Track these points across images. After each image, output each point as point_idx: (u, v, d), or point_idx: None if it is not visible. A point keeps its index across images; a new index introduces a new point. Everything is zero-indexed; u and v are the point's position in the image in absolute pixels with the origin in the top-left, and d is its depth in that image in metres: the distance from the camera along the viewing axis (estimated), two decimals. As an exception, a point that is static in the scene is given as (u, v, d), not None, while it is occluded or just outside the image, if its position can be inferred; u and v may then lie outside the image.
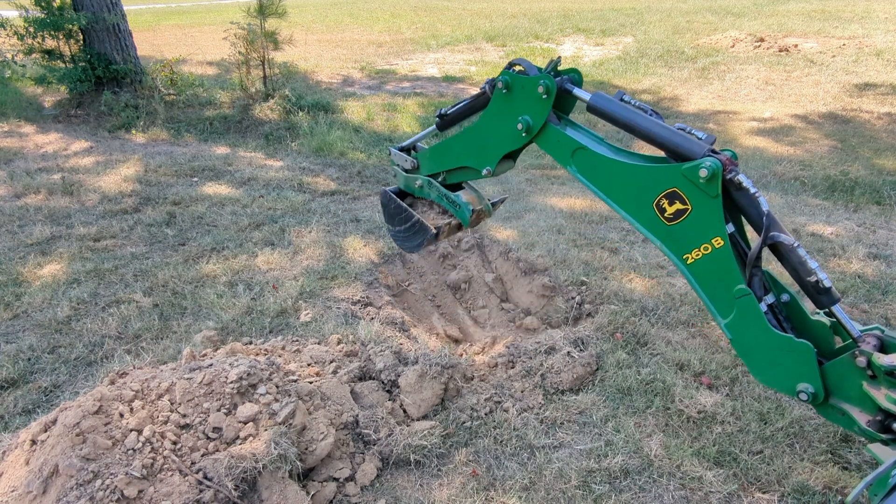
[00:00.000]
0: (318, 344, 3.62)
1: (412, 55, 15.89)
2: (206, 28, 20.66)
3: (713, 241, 1.97)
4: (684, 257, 2.07)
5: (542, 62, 2.55)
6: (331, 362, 3.38)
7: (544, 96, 2.28)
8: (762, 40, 14.67)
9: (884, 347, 1.87)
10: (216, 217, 5.76)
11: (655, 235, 2.12)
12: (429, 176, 3.01)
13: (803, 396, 1.94)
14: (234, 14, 10.39)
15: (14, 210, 5.81)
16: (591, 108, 2.26)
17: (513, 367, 3.49)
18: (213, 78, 12.40)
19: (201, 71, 13.15)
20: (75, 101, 9.72)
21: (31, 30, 9.05)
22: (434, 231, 2.93)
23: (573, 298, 4.24)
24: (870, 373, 1.81)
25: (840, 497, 2.60)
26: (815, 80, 11.46)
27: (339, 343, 3.64)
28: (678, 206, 2.01)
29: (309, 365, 3.31)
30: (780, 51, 13.83)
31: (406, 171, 3.10)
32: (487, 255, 5.03)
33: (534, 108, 2.34)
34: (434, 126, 2.92)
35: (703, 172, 1.88)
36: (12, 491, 2.37)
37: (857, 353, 1.83)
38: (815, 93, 10.64)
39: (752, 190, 1.92)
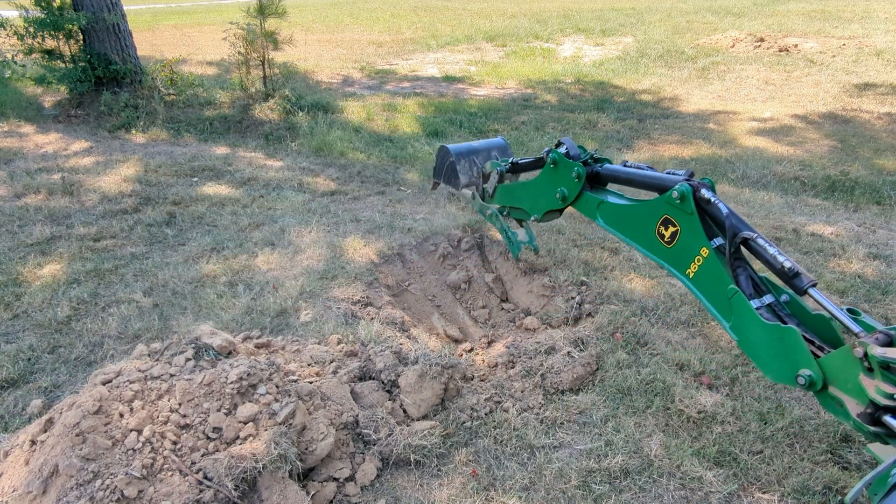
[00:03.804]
0: (318, 344, 3.61)
1: (412, 55, 15.89)
2: (205, 28, 20.67)
3: (701, 251, 2.28)
4: (686, 272, 2.38)
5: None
6: (331, 362, 3.38)
7: (576, 179, 3.05)
8: (762, 40, 14.67)
9: (893, 345, 1.87)
10: (216, 217, 5.76)
11: (664, 260, 2.49)
12: (498, 208, 4.00)
13: (801, 380, 2.02)
14: (233, 14, 10.39)
15: (14, 210, 5.81)
16: (604, 176, 3.01)
17: (513, 367, 3.49)
18: (213, 78, 12.40)
19: (201, 71, 13.15)
20: (75, 101, 9.72)
21: (31, 30, 9.03)
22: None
23: (573, 298, 4.24)
24: (867, 364, 1.83)
25: (840, 497, 2.60)
26: (815, 80, 11.47)
27: (339, 343, 3.64)
28: (672, 228, 2.41)
29: (309, 365, 3.31)
30: (780, 51, 13.84)
31: (483, 198, 4.16)
32: (487, 255, 5.03)
33: (569, 185, 3.11)
34: (503, 164, 3.84)
35: (675, 194, 2.33)
36: (13, 491, 2.37)
37: (856, 343, 1.85)
38: (815, 93, 10.65)
39: (713, 199, 2.27)
